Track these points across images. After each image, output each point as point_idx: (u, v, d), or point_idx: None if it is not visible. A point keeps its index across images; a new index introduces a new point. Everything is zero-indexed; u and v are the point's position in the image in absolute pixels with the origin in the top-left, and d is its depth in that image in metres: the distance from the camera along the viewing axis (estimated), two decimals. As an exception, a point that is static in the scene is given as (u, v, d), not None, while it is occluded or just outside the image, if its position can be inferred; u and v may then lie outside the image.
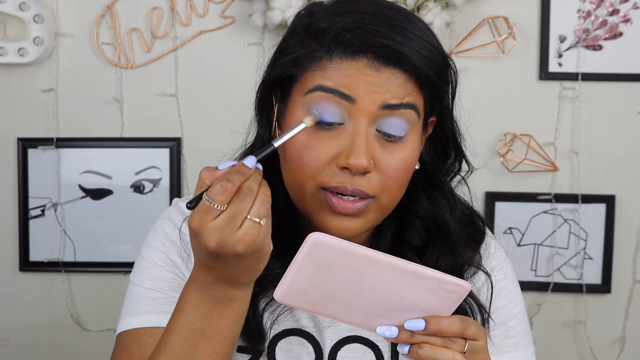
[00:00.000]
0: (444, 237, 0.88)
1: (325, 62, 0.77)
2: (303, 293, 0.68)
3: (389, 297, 0.68)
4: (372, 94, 0.75)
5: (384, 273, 0.66)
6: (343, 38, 0.76)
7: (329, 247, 0.65)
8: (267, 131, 0.85)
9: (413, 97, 0.78)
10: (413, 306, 0.69)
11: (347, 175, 0.77)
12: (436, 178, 0.89)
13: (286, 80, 0.81)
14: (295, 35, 0.81)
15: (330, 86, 0.76)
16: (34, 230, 1.74)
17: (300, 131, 0.74)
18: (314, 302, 0.69)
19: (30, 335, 1.77)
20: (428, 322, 0.70)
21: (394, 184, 0.79)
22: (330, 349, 0.88)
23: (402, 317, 0.70)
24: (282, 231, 0.84)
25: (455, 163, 0.90)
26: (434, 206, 0.88)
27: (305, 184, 0.79)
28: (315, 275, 0.67)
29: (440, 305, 0.69)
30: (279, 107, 0.84)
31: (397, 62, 0.76)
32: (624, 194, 1.70)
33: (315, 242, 0.65)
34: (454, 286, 0.68)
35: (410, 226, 0.88)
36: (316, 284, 0.67)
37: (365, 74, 0.75)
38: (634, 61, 1.66)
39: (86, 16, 1.69)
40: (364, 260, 0.66)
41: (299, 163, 0.78)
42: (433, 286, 0.68)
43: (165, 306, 0.86)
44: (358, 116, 0.76)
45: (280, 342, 0.88)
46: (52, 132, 1.72)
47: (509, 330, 0.92)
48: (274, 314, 0.87)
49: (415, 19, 0.80)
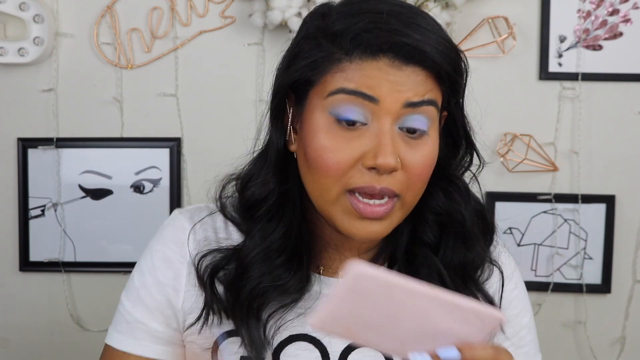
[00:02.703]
0: (458, 232, 0.88)
1: (345, 63, 0.77)
2: (339, 321, 0.68)
3: (424, 326, 0.68)
4: (394, 93, 0.76)
5: (422, 303, 0.66)
6: (363, 39, 0.76)
7: (371, 279, 0.65)
8: (281, 136, 0.84)
9: (433, 94, 0.78)
10: (446, 334, 0.69)
11: (374, 175, 0.77)
12: (450, 173, 0.88)
13: (302, 84, 0.81)
14: (309, 39, 0.80)
15: (352, 88, 0.76)
16: (34, 230, 1.74)
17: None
18: (349, 329, 0.69)
19: (30, 335, 1.77)
20: (462, 351, 0.69)
21: (418, 181, 0.80)
22: (340, 354, 0.88)
23: (434, 343, 0.69)
24: (289, 240, 0.84)
25: (466, 157, 0.90)
26: (450, 201, 0.88)
27: (330, 187, 0.78)
28: (354, 304, 0.67)
29: (472, 333, 0.69)
30: (294, 111, 0.83)
31: (417, 59, 0.76)
32: (624, 194, 1.70)
33: (358, 274, 0.65)
34: (488, 317, 0.68)
35: (424, 223, 0.88)
36: (353, 313, 0.67)
37: (387, 73, 0.76)
38: (634, 61, 1.66)
39: (86, 16, 1.69)
40: (404, 291, 0.66)
41: (323, 166, 0.78)
42: (468, 316, 0.67)
43: (135, 332, 0.88)
44: (382, 116, 0.76)
45: (285, 348, 0.87)
46: (52, 132, 1.72)
47: (520, 340, 0.93)
48: (278, 322, 0.86)
49: (426, 15, 0.80)
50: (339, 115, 0.77)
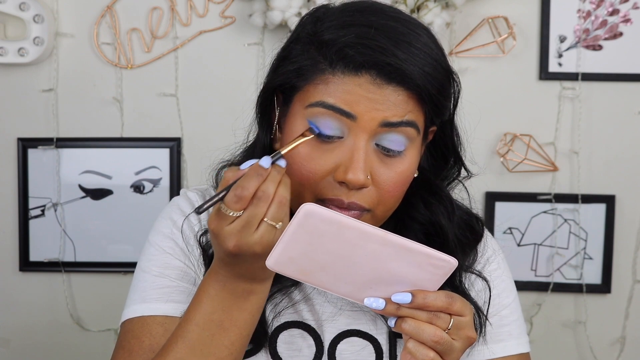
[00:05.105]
0: (442, 242, 0.88)
1: (328, 76, 0.77)
2: (294, 262, 0.69)
3: (378, 270, 0.69)
4: (372, 111, 0.76)
5: (374, 245, 0.68)
6: (346, 53, 0.76)
7: (322, 218, 0.66)
8: (267, 134, 0.85)
9: (413, 115, 0.78)
10: (401, 280, 0.70)
11: (344, 189, 0.78)
12: (434, 184, 0.89)
13: (287, 88, 0.81)
14: (298, 43, 0.81)
15: (331, 103, 0.76)
16: (34, 230, 1.74)
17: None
18: (304, 270, 0.70)
19: (30, 335, 1.77)
20: (414, 296, 0.70)
21: (390, 197, 0.80)
22: (330, 342, 0.89)
23: (390, 290, 0.71)
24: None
25: (454, 169, 0.91)
26: (431, 212, 0.89)
27: (303, 193, 0.79)
28: (307, 244, 0.68)
29: (427, 280, 0.70)
30: (280, 110, 0.84)
31: (399, 80, 0.76)
32: (624, 194, 1.70)
33: (308, 212, 0.66)
34: (440, 261, 0.69)
35: (409, 231, 0.89)
36: (307, 253, 0.69)
37: (367, 91, 0.75)
38: (634, 61, 1.66)
39: (86, 16, 1.69)
40: (355, 231, 0.67)
41: (298, 174, 0.78)
42: (420, 260, 0.69)
43: (173, 295, 0.86)
44: (358, 132, 0.77)
45: (281, 334, 0.89)
46: (52, 132, 1.72)
47: (502, 319, 0.93)
48: (276, 307, 0.88)
49: (421, 31, 0.79)
50: (317, 128, 0.77)
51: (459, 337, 0.72)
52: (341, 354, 0.89)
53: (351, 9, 0.81)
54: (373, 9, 0.80)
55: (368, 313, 0.90)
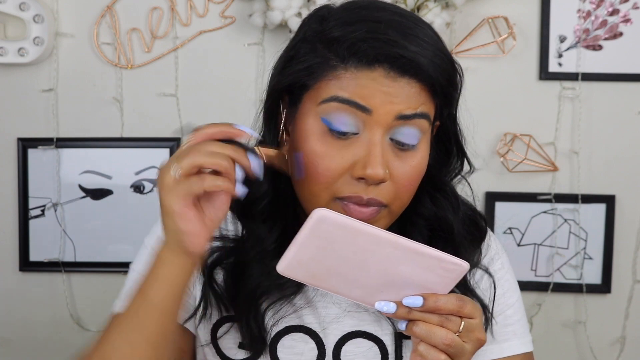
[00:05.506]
0: (447, 237, 0.89)
1: (340, 71, 0.77)
2: (305, 266, 0.69)
3: (389, 274, 0.69)
4: (387, 105, 0.76)
5: (386, 249, 0.68)
6: (359, 48, 0.75)
7: (334, 223, 0.66)
8: (274, 137, 0.85)
9: (426, 107, 0.78)
10: (411, 283, 0.70)
11: (362, 185, 0.77)
12: (439, 180, 0.89)
13: (296, 88, 0.81)
14: (306, 43, 0.80)
15: (346, 97, 0.76)
16: (34, 230, 1.74)
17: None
18: (315, 275, 0.70)
19: (30, 335, 1.77)
20: (426, 299, 0.70)
21: (406, 192, 0.80)
22: (335, 345, 0.89)
23: (401, 293, 0.71)
24: (285, 243, 0.85)
25: (457, 163, 0.91)
26: (437, 208, 0.89)
27: (319, 193, 0.79)
28: (319, 249, 0.68)
29: (438, 283, 0.70)
30: (287, 112, 0.83)
31: (413, 72, 0.76)
32: (624, 194, 1.70)
33: (321, 218, 0.66)
34: (452, 265, 0.69)
35: (414, 227, 0.89)
36: (319, 258, 0.69)
37: (382, 84, 0.75)
38: (634, 61, 1.66)
39: (86, 16, 1.69)
40: (368, 236, 0.67)
41: (314, 173, 0.78)
42: (432, 264, 0.69)
43: None
44: (374, 126, 0.76)
45: (282, 339, 0.88)
46: (52, 132, 1.72)
47: (506, 319, 0.93)
48: (277, 314, 0.88)
49: (424, 24, 0.80)
50: (331, 124, 0.77)
51: (470, 340, 0.72)
52: (347, 355, 0.89)
53: (355, 6, 0.81)
54: (376, 5, 0.80)
55: (372, 314, 0.90)
